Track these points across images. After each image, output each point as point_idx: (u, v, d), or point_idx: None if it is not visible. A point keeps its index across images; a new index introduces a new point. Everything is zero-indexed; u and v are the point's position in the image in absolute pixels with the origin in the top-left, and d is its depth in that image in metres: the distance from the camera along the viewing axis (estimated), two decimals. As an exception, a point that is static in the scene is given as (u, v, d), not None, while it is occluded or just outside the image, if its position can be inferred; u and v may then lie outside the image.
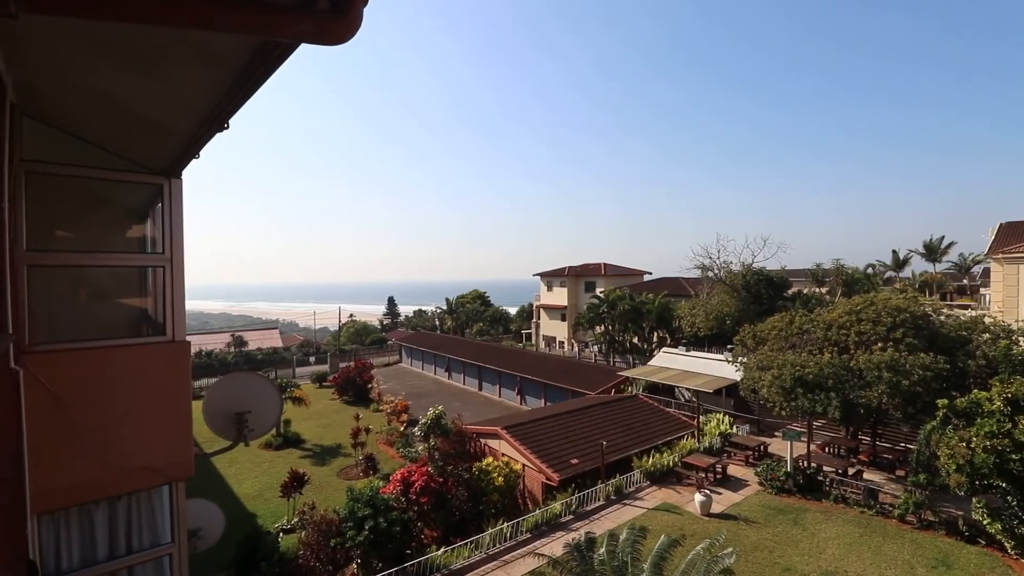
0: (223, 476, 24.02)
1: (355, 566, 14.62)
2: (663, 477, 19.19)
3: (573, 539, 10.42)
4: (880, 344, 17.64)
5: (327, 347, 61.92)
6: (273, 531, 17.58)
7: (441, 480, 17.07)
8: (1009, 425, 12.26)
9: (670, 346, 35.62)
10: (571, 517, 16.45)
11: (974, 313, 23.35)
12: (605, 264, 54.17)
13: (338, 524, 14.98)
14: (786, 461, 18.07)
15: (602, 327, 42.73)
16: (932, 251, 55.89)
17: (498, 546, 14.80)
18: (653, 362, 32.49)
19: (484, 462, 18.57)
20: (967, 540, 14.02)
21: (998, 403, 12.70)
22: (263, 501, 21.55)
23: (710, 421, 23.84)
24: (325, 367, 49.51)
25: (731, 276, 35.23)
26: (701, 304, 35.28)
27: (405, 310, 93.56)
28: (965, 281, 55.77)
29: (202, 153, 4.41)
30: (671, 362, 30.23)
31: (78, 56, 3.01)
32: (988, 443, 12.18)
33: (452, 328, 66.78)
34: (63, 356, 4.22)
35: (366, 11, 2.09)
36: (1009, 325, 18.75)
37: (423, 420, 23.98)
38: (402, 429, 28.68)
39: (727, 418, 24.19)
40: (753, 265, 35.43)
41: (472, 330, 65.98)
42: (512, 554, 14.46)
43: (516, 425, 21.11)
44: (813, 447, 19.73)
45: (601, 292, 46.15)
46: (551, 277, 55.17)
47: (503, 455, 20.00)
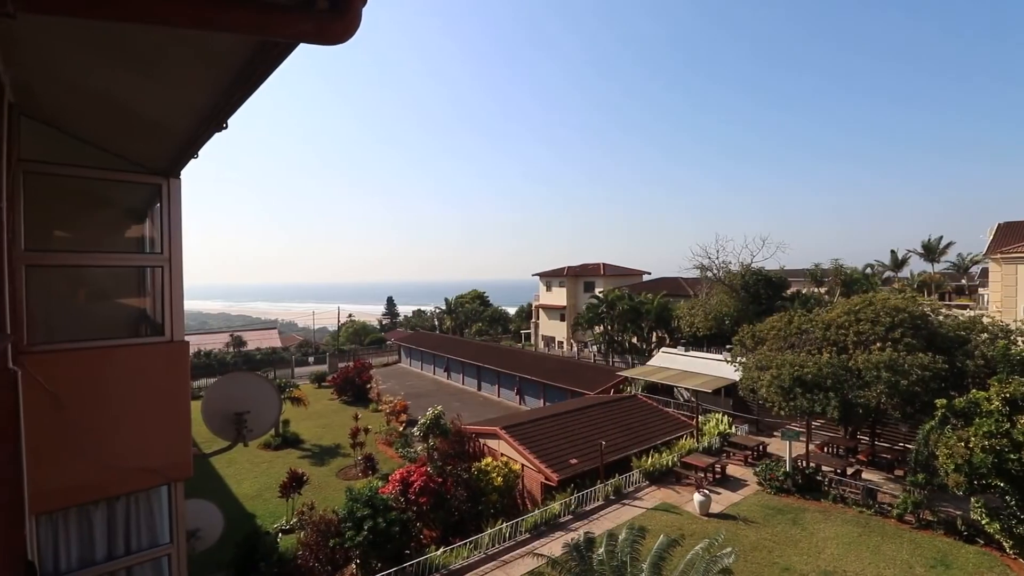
0: (222, 476, 23.99)
1: (354, 566, 14.61)
2: (662, 477, 19.20)
3: (572, 539, 10.42)
4: (879, 344, 17.67)
5: (326, 347, 61.86)
6: (272, 531, 17.56)
7: (440, 480, 17.06)
8: (1007, 425, 12.29)
9: (669, 346, 35.64)
10: (570, 517, 16.45)
11: (972, 313, 23.39)
12: (604, 264, 54.20)
13: (337, 524, 14.98)
14: (785, 461, 18.08)
15: (601, 327, 42.75)
16: (930, 251, 56.03)
17: (497, 546, 14.80)
18: (652, 362, 32.51)
19: (483, 462, 18.57)
20: (965, 540, 14.05)
21: (996, 403, 12.73)
22: (262, 501, 21.53)
23: (709, 421, 23.86)
24: (324, 367, 49.47)
25: (730, 276, 35.27)
26: (700, 304, 35.32)
27: (404, 310, 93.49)
28: (963, 281, 55.91)
29: (201, 153, 4.41)
30: (670, 362, 30.26)
31: (76, 56, 3.00)
32: (986, 443, 12.20)
33: (451, 328, 66.77)
34: (61, 356, 4.22)
35: (365, 11, 2.09)
36: (1007, 325, 18.79)
37: (422, 420, 24.00)
38: (401, 429, 28.67)
39: (726, 418, 24.21)
40: (752, 265, 35.50)
41: (471, 330, 65.97)
42: (511, 554, 14.46)
43: (515, 425, 21.10)
44: (812, 447, 19.75)
45: (600, 292, 46.18)
46: (550, 277, 55.18)
47: (502, 455, 19.99)
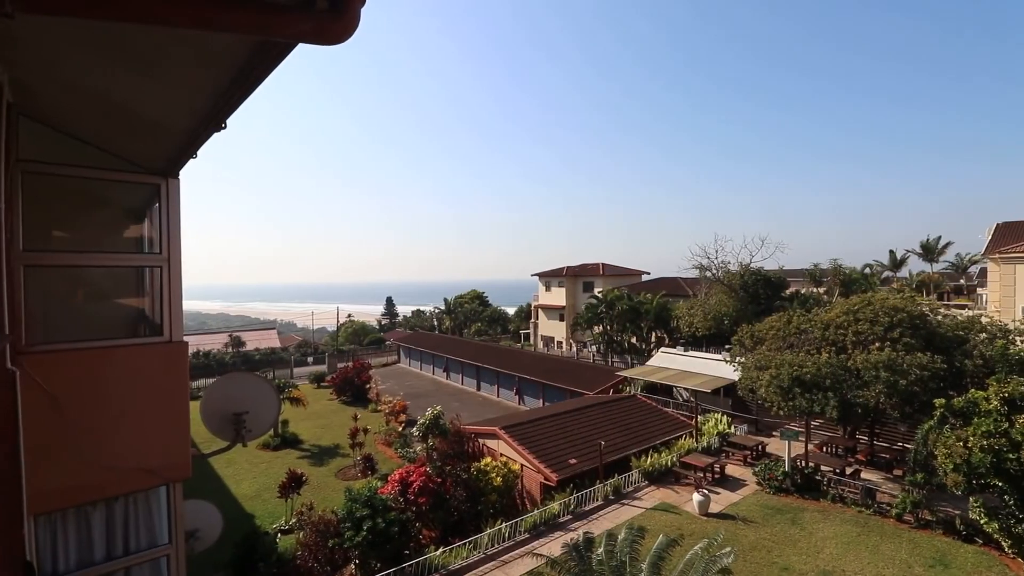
0: (221, 477, 23.97)
1: (353, 567, 14.60)
2: (661, 477, 19.21)
3: (571, 539, 10.43)
4: (877, 344, 17.69)
5: (325, 347, 61.84)
6: (271, 532, 17.55)
7: (439, 480, 17.07)
8: (1006, 424, 12.31)
9: (668, 346, 35.67)
10: (569, 517, 16.46)
11: (971, 313, 23.44)
12: (603, 264, 54.22)
13: (336, 524, 14.97)
14: (784, 461, 18.10)
15: (600, 327, 42.76)
16: (929, 251, 56.14)
17: (496, 546, 14.80)
18: (651, 362, 32.53)
19: (482, 462, 18.56)
20: (964, 539, 14.08)
21: (995, 402, 12.75)
22: (261, 502, 21.52)
23: (708, 421, 23.87)
24: (323, 367, 49.44)
25: (729, 276, 35.31)
26: (699, 304, 35.34)
27: (403, 310, 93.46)
28: (962, 281, 56.00)
29: (199, 153, 4.41)
30: (669, 362, 30.28)
31: (75, 56, 3.00)
32: (985, 442, 12.22)
33: (450, 328, 66.77)
34: (60, 356, 4.20)
35: (364, 11, 2.09)
36: (1006, 325, 18.84)
37: (421, 420, 23.98)
38: (400, 429, 28.66)
39: (725, 418, 24.24)
40: (751, 265, 35.54)
41: (470, 330, 65.97)
42: (510, 554, 14.46)
43: (514, 425, 21.10)
44: (811, 447, 19.77)
45: (599, 292, 46.19)
46: (549, 277, 55.18)
47: (501, 455, 19.99)
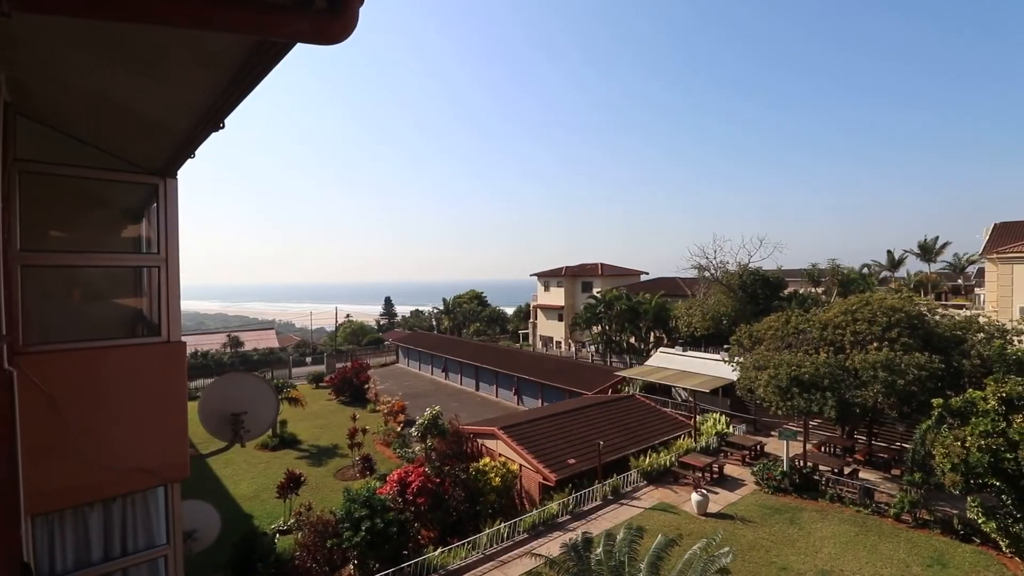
0: (219, 477, 23.93)
1: (352, 567, 14.59)
2: (660, 477, 19.22)
3: (570, 539, 10.43)
4: (875, 344, 17.73)
5: (324, 347, 61.77)
6: (269, 532, 17.54)
7: (438, 480, 17.06)
8: (1003, 424, 12.33)
9: (667, 346, 35.70)
10: (568, 517, 16.46)
11: (969, 313, 23.49)
12: (602, 264, 54.26)
13: (335, 525, 14.95)
14: (782, 460, 18.13)
15: (599, 327, 42.78)
16: (927, 251, 56.24)
17: (495, 546, 14.80)
18: (650, 362, 32.57)
19: (481, 462, 18.55)
20: (962, 539, 14.11)
21: (992, 402, 12.78)
22: (259, 502, 21.48)
23: (707, 421, 23.89)
24: (322, 367, 49.38)
25: (727, 276, 35.35)
26: (698, 304, 35.38)
27: (402, 310, 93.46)
28: (960, 281, 56.12)
29: (198, 153, 4.40)
30: (668, 362, 30.32)
31: (73, 55, 2.99)
32: (983, 442, 12.25)
33: (449, 328, 66.75)
34: (57, 357, 4.19)
35: (362, 11, 2.08)
36: (1003, 325, 18.87)
37: (420, 420, 23.96)
38: (399, 429, 28.63)
39: (724, 418, 24.26)
40: (749, 265, 35.58)
41: (469, 330, 65.94)
42: (509, 554, 14.46)
43: (513, 425, 21.09)
44: (809, 446, 19.80)
45: (598, 292, 46.23)
46: (548, 277, 55.20)
47: (500, 455, 19.98)
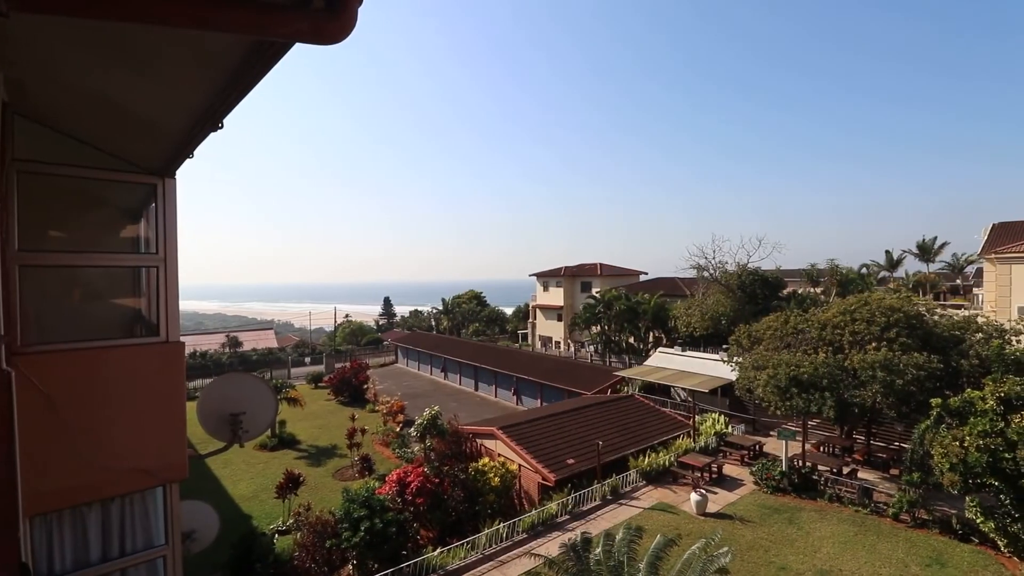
0: (218, 477, 23.90)
1: (351, 567, 14.58)
2: (659, 477, 19.23)
3: (569, 539, 10.43)
4: (874, 344, 17.75)
5: (323, 347, 61.70)
6: (268, 532, 17.53)
7: (437, 481, 17.05)
8: (1002, 424, 12.35)
9: (666, 346, 35.71)
10: (567, 517, 16.46)
11: (967, 313, 23.51)
12: (601, 264, 54.27)
13: (334, 525, 14.94)
14: (781, 460, 18.14)
15: (598, 327, 42.79)
16: (925, 251, 56.31)
17: (494, 546, 14.80)
18: (649, 362, 32.58)
19: (480, 462, 18.55)
20: (961, 538, 14.14)
21: (991, 402, 12.80)
22: (258, 502, 21.46)
23: (706, 421, 23.91)
24: (321, 368, 49.31)
25: (726, 276, 35.38)
26: (697, 304, 35.41)
27: (401, 310, 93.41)
28: (958, 281, 56.21)
29: (196, 153, 4.39)
30: (667, 362, 30.32)
31: (71, 55, 2.98)
32: (981, 442, 12.26)
33: (448, 328, 66.75)
34: (56, 357, 4.18)
35: (361, 10, 2.08)
36: (1002, 325, 18.89)
37: (419, 420, 23.94)
38: (398, 430, 28.61)
39: (723, 418, 24.28)
40: (748, 265, 35.61)
41: (468, 330, 65.93)
42: (508, 554, 14.46)
43: (512, 425, 21.09)
44: (808, 446, 19.82)
45: (597, 292, 46.24)
46: (547, 277, 55.21)
47: (499, 455, 19.98)
